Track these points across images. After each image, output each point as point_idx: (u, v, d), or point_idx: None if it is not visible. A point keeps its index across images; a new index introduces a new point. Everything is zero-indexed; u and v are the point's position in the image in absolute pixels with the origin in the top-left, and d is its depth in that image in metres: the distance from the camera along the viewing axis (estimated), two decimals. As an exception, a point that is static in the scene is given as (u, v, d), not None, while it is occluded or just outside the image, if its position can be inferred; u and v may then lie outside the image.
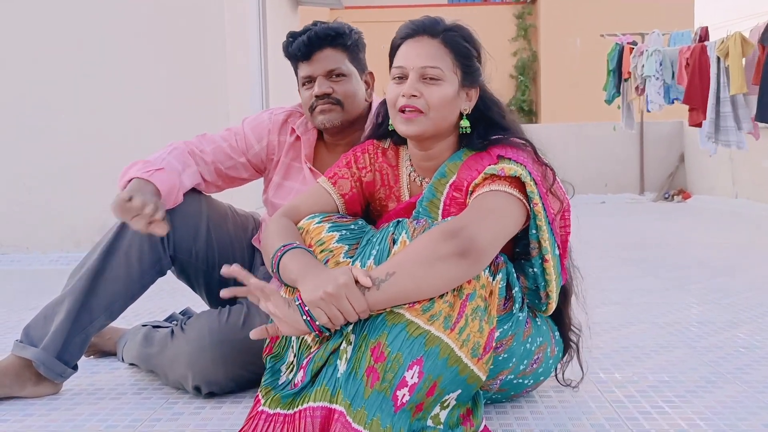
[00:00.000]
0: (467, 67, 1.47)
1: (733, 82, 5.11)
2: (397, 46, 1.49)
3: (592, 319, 2.32)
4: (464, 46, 1.47)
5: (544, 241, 1.39)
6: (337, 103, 1.73)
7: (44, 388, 1.67)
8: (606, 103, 7.21)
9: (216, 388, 1.63)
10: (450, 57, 1.45)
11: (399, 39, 1.49)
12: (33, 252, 4.34)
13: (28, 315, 2.56)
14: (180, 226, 1.71)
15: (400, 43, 1.49)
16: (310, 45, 1.72)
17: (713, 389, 1.65)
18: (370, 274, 1.27)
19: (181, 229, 1.71)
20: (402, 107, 1.43)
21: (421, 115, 1.43)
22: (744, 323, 2.31)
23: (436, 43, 1.45)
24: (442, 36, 1.46)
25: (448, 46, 1.45)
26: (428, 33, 1.46)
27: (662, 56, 6.28)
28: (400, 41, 1.49)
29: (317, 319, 1.25)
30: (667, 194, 8.45)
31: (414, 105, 1.42)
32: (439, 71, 1.43)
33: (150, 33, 4.33)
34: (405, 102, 1.43)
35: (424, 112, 1.43)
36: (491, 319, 1.32)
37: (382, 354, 1.23)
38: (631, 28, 8.42)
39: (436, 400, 1.28)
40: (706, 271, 3.37)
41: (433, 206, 1.47)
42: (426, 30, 1.46)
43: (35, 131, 4.34)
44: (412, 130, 1.44)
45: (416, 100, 1.43)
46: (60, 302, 1.66)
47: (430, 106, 1.43)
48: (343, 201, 1.57)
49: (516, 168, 1.37)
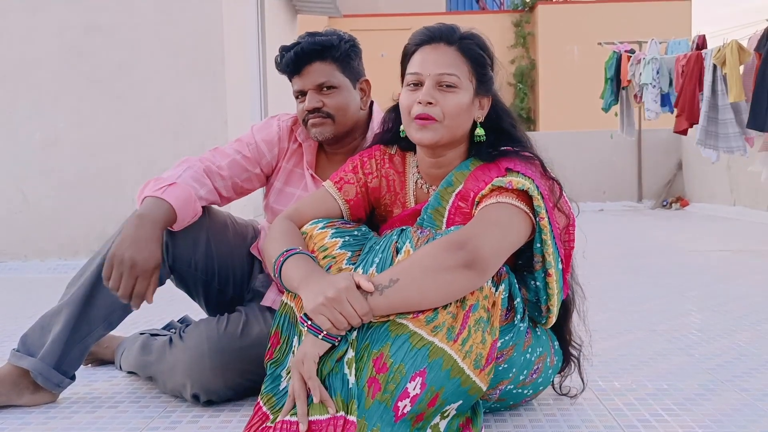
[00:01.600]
0: (482, 76, 1.47)
1: (731, 90, 5.13)
2: (412, 52, 1.48)
3: (591, 326, 2.32)
4: (480, 54, 1.46)
5: (549, 256, 1.39)
6: (328, 116, 1.73)
7: (41, 396, 1.67)
8: (603, 110, 7.23)
9: (214, 397, 1.63)
10: (466, 65, 1.44)
11: (413, 45, 1.48)
12: (31, 260, 4.34)
13: (25, 323, 2.54)
14: (180, 236, 1.70)
15: (414, 49, 1.47)
16: (297, 60, 1.72)
17: (712, 397, 1.65)
18: (373, 279, 1.27)
19: (180, 240, 1.71)
20: (418, 114, 1.42)
21: (437, 123, 1.42)
22: (742, 330, 2.31)
23: (452, 51, 1.44)
24: (459, 44, 1.45)
25: (464, 54, 1.45)
26: (444, 40, 1.45)
27: (659, 64, 6.31)
28: (414, 48, 1.47)
29: (321, 326, 1.25)
30: (665, 202, 8.46)
31: (430, 112, 1.41)
32: (456, 78, 1.42)
33: (149, 42, 4.34)
34: (421, 110, 1.42)
35: (440, 120, 1.42)
36: (494, 330, 1.31)
37: (385, 365, 1.23)
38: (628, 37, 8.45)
39: (437, 410, 1.28)
40: (705, 278, 3.37)
41: (438, 214, 1.46)
42: (443, 37, 1.45)
43: (33, 139, 4.35)
44: (427, 138, 1.43)
45: (432, 108, 1.41)
46: (58, 312, 1.66)
47: (446, 114, 1.42)
48: (348, 206, 1.56)
49: (524, 181, 1.36)
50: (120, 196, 4.30)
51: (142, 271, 1.52)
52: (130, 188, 4.29)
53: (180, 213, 1.63)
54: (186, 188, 1.66)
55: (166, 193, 1.62)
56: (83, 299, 1.64)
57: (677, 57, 6.05)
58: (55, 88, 4.33)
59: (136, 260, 1.51)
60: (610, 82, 7.06)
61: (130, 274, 1.51)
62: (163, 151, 4.25)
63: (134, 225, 1.55)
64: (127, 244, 1.53)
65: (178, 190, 1.64)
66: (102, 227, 4.27)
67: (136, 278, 1.52)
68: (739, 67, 5.08)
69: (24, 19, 4.33)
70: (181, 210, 1.63)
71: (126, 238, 1.54)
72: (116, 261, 1.52)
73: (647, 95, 6.36)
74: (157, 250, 1.55)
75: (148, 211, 1.58)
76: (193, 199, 1.67)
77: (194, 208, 1.68)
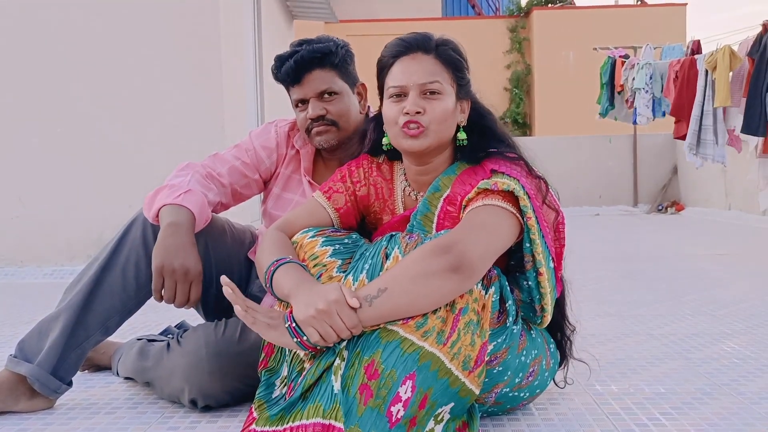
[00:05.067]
0: (461, 79, 1.50)
1: (718, 94, 5.16)
2: (390, 64, 1.49)
3: (588, 330, 2.33)
4: (457, 59, 1.49)
5: (538, 255, 1.40)
6: (332, 123, 1.73)
7: (38, 402, 1.66)
8: (600, 116, 7.25)
9: (212, 401, 1.63)
10: (446, 71, 1.47)
11: (390, 58, 1.49)
12: (28, 266, 4.33)
13: (22, 329, 2.55)
14: None
15: (392, 61, 1.48)
16: (297, 69, 1.72)
17: (709, 401, 1.66)
18: (361, 291, 1.27)
19: None
20: (406, 123, 1.44)
21: (425, 130, 1.44)
22: (738, 334, 2.32)
23: (431, 59, 1.47)
24: (436, 51, 1.47)
25: (442, 61, 1.47)
26: (422, 49, 1.47)
27: (653, 69, 6.34)
28: (392, 60, 1.49)
29: (309, 337, 1.26)
30: (660, 206, 8.49)
31: (418, 121, 1.43)
32: (439, 85, 1.45)
33: (145, 46, 4.34)
34: (408, 119, 1.43)
35: (428, 126, 1.44)
36: (483, 332, 1.32)
37: (376, 372, 1.23)
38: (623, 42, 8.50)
39: (429, 413, 1.28)
40: (700, 282, 3.39)
41: (428, 220, 1.47)
42: (419, 46, 1.47)
43: (30, 144, 4.34)
44: (416, 146, 1.44)
45: (420, 116, 1.43)
46: (55, 318, 1.65)
47: (432, 120, 1.44)
48: (338, 215, 1.58)
49: (509, 182, 1.37)
50: (117, 201, 4.29)
51: (195, 276, 1.53)
52: (127, 194, 4.29)
53: (198, 219, 1.64)
54: (200, 195, 1.67)
55: (185, 201, 1.63)
56: (80, 305, 1.64)
57: (671, 62, 6.09)
58: (53, 93, 4.32)
59: (187, 267, 1.52)
60: (605, 87, 7.09)
61: (185, 280, 1.52)
62: (160, 156, 4.25)
63: (170, 234, 1.55)
64: (171, 253, 1.52)
65: (194, 197, 1.65)
66: (99, 232, 4.26)
67: (190, 284, 1.53)
68: (729, 73, 5.11)
69: (21, 22, 4.32)
70: (199, 216, 1.65)
71: (168, 247, 1.53)
72: (167, 272, 1.51)
73: (639, 100, 6.39)
74: (197, 254, 1.56)
75: (176, 219, 1.58)
76: (206, 206, 1.68)
77: (207, 214, 1.70)
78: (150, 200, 1.67)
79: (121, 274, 1.66)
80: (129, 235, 1.68)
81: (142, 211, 1.70)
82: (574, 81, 11.87)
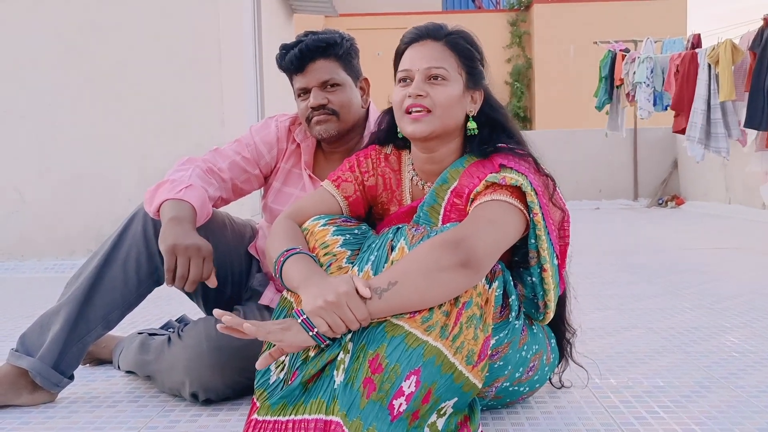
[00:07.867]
0: (471, 69, 1.50)
1: (722, 89, 5.16)
2: (402, 51, 1.52)
3: (587, 324, 2.34)
4: (467, 48, 1.50)
5: (543, 251, 1.40)
6: (333, 113, 1.74)
7: (40, 396, 1.67)
8: (596, 109, 7.26)
9: (213, 395, 1.63)
10: (454, 58, 1.48)
11: (403, 45, 1.52)
12: (28, 260, 4.33)
13: (22, 323, 2.55)
14: None
15: (405, 48, 1.51)
16: (302, 57, 1.73)
17: (708, 394, 1.66)
18: (371, 283, 1.28)
19: None
20: (409, 107, 1.45)
21: (429, 114, 1.44)
22: (737, 328, 2.32)
23: (439, 46, 1.48)
24: (446, 39, 1.49)
25: (451, 48, 1.48)
26: (432, 37, 1.49)
27: (653, 63, 6.33)
28: (404, 46, 1.51)
29: (317, 328, 1.26)
30: (660, 200, 8.49)
31: (421, 104, 1.44)
32: (444, 71, 1.45)
33: (145, 42, 4.33)
34: (411, 102, 1.44)
35: (431, 110, 1.44)
36: (486, 326, 1.33)
37: (380, 366, 1.24)
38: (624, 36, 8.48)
39: (432, 407, 1.29)
40: (700, 276, 3.39)
41: (434, 211, 1.48)
42: (430, 34, 1.49)
43: (30, 139, 4.34)
44: (419, 130, 1.45)
45: (423, 99, 1.44)
46: (56, 312, 1.66)
47: (437, 104, 1.44)
48: (347, 203, 1.58)
49: (517, 178, 1.38)
50: (117, 195, 4.30)
51: (207, 253, 1.53)
52: (126, 188, 4.29)
53: (200, 214, 1.64)
54: (201, 190, 1.68)
55: (187, 195, 1.63)
56: (82, 299, 1.64)
57: (672, 56, 6.08)
58: (52, 87, 4.32)
59: (199, 244, 1.52)
60: (604, 80, 7.08)
61: (198, 255, 1.51)
62: (160, 150, 4.25)
63: (172, 226, 1.55)
64: (180, 235, 1.52)
65: (195, 192, 1.65)
66: (99, 227, 4.27)
67: (203, 259, 1.51)
68: (731, 67, 5.10)
69: (20, 17, 4.32)
70: (200, 211, 1.65)
71: (173, 230, 1.53)
72: (180, 249, 1.50)
73: (640, 94, 6.38)
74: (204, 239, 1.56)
75: (178, 213, 1.58)
76: (207, 201, 1.69)
77: (208, 209, 1.70)
78: (151, 195, 1.67)
79: (121, 268, 1.66)
80: (130, 230, 1.69)
81: (142, 206, 1.71)
82: (575, 75, 11.85)
